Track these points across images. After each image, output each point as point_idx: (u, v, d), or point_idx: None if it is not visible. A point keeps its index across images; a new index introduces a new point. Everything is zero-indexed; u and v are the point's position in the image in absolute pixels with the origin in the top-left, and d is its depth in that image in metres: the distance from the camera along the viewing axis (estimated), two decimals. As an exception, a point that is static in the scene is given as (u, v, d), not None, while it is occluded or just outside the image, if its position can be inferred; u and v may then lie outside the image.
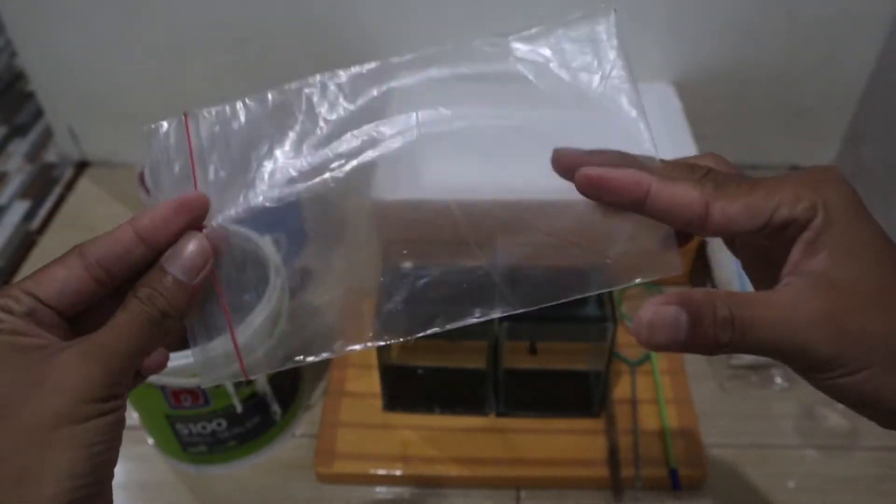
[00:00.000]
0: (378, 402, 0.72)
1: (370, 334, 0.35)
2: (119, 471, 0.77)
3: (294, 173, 0.36)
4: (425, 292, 0.36)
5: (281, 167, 0.35)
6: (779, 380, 0.75)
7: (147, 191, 0.76)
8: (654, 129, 1.04)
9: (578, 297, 0.39)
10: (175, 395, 0.61)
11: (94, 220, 0.98)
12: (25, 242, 0.96)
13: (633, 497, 0.67)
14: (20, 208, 1.03)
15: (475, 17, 0.89)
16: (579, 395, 0.73)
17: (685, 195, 0.30)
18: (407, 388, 0.73)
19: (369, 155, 0.38)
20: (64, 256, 0.31)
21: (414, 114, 0.40)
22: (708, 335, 0.28)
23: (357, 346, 0.35)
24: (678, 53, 0.92)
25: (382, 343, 0.35)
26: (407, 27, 0.91)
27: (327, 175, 0.36)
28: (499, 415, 0.72)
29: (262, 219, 0.36)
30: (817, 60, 0.92)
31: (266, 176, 0.36)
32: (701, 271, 0.84)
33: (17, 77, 1.31)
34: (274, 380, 0.66)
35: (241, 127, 0.36)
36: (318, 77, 0.37)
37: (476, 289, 0.38)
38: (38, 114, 1.20)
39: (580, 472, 0.68)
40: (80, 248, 0.32)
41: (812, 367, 0.28)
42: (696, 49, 0.91)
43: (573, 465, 0.68)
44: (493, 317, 0.36)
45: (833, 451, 0.70)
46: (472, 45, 0.37)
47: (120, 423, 0.30)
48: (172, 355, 0.57)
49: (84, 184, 1.05)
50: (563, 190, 0.71)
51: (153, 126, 0.37)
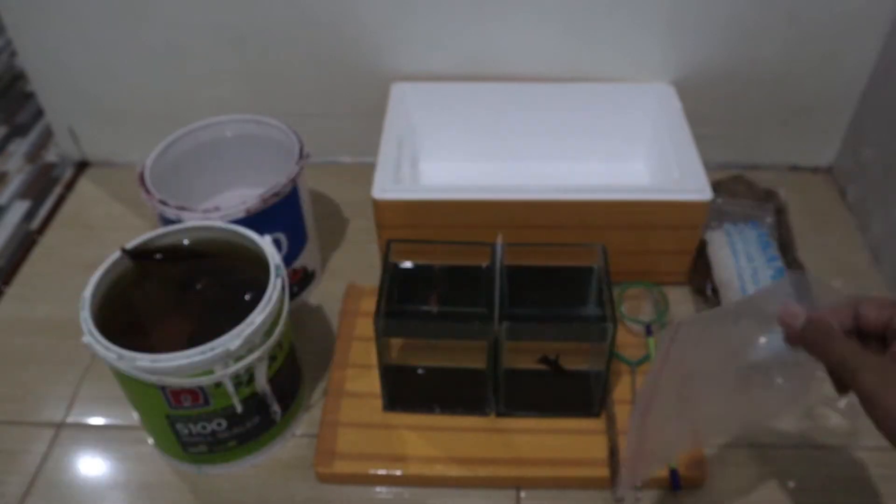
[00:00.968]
0: (378, 402, 0.72)
1: None
2: (119, 470, 0.77)
3: None
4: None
5: None
6: (779, 380, 0.75)
7: (147, 191, 0.76)
8: (654, 130, 1.06)
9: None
10: (175, 395, 0.61)
11: (94, 220, 0.98)
12: (25, 242, 0.96)
13: (633, 497, 0.67)
14: (20, 208, 1.03)
15: (475, 17, 0.89)
16: (579, 395, 0.73)
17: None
18: (407, 388, 0.73)
19: None
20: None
21: None
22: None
23: None
24: (678, 53, 0.92)
25: None
26: (407, 27, 0.91)
27: None
28: (499, 415, 0.72)
29: (263, 218, 0.36)
30: (817, 60, 0.92)
31: None
32: (701, 271, 0.84)
33: (18, 77, 1.31)
34: (274, 380, 0.66)
35: None
36: None
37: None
38: (39, 114, 1.20)
39: (580, 472, 0.68)
40: None
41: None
42: (696, 49, 0.91)
43: (573, 465, 0.68)
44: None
45: (833, 451, 0.70)
46: None
47: None
48: (171, 355, 0.57)
49: (84, 184, 1.05)
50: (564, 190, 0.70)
51: None
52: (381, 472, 0.68)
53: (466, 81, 0.94)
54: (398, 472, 0.68)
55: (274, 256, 0.65)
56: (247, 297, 0.64)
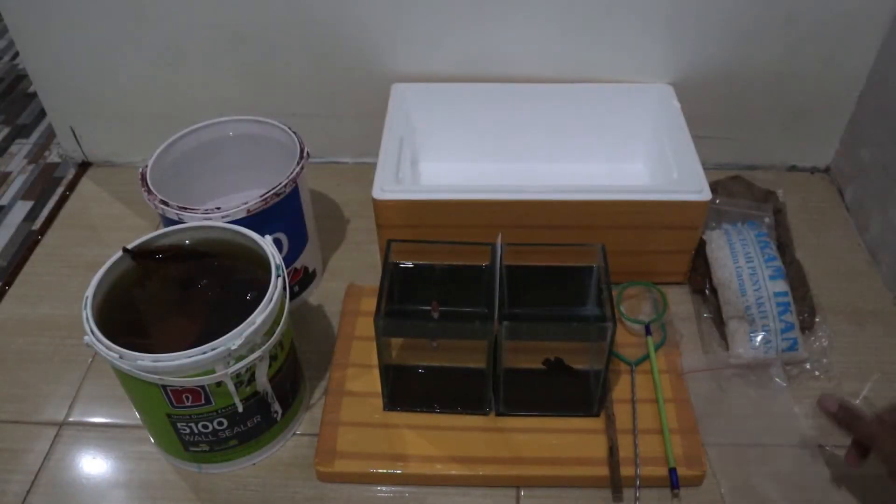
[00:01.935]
0: (378, 402, 0.73)
1: None
2: (121, 470, 0.77)
3: None
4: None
5: None
6: (777, 379, 0.76)
7: (149, 191, 0.76)
8: (654, 130, 1.06)
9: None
10: (176, 395, 0.61)
11: (96, 220, 0.99)
12: (28, 242, 0.96)
13: (632, 496, 0.67)
14: (22, 208, 1.03)
15: (475, 17, 0.90)
16: (579, 395, 0.73)
17: None
18: (407, 387, 0.74)
19: None
20: None
21: None
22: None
23: None
24: (678, 54, 0.92)
25: None
26: (407, 28, 0.91)
27: None
28: (499, 414, 0.72)
29: (264, 218, 0.36)
30: (816, 62, 0.92)
31: None
32: (701, 271, 0.84)
33: (20, 78, 1.31)
34: (275, 379, 0.66)
35: None
36: None
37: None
38: (41, 115, 1.21)
39: (580, 471, 0.68)
40: None
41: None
42: (696, 50, 0.92)
43: (573, 464, 0.68)
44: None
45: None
46: None
47: None
48: (173, 355, 0.57)
49: (86, 184, 1.05)
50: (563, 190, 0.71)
51: None
52: (382, 471, 0.68)
53: (466, 81, 0.94)
54: (398, 472, 0.68)
55: (275, 256, 0.66)
56: (248, 296, 0.65)
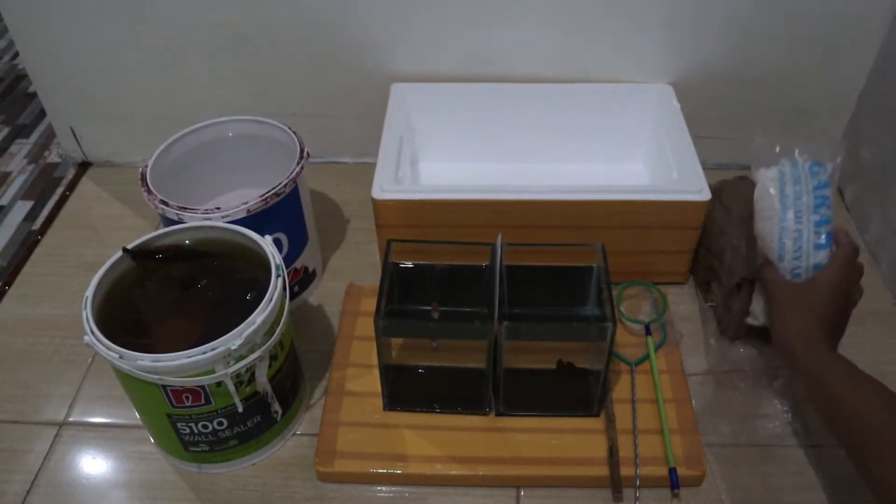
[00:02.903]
0: (378, 402, 0.73)
1: None
2: (120, 470, 0.77)
3: None
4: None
5: None
6: (778, 379, 0.76)
7: (149, 191, 0.76)
8: (653, 130, 1.06)
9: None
10: (176, 395, 0.61)
11: (96, 220, 0.99)
12: (27, 242, 0.96)
13: (632, 496, 0.67)
14: (22, 208, 1.03)
15: (475, 17, 0.90)
16: (579, 395, 0.73)
17: None
18: (407, 387, 0.74)
19: None
20: None
21: None
22: None
23: None
24: (677, 53, 0.92)
25: None
26: (407, 28, 0.91)
27: None
28: (499, 414, 0.72)
29: (264, 218, 0.36)
30: (816, 61, 0.92)
31: None
32: (706, 263, 0.84)
33: (20, 78, 1.31)
34: (275, 379, 0.66)
35: None
36: None
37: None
38: (41, 115, 1.21)
39: (580, 472, 0.68)
40: None
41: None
42: (696, 49, 0.92)
43: (573, 465, 0.68)
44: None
45: (832, 450, 0.70)
46: None
47: None
48: (173, 355, 0.57)
49: (86, 184, 1.05)
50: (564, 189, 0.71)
51: None
52: (382, 471, 0.68)
53: (466, 81, 0.94)
54: (398, 471, 0.68)
55: (275, 256, 0.66)
56: (248, 296, 0.65)
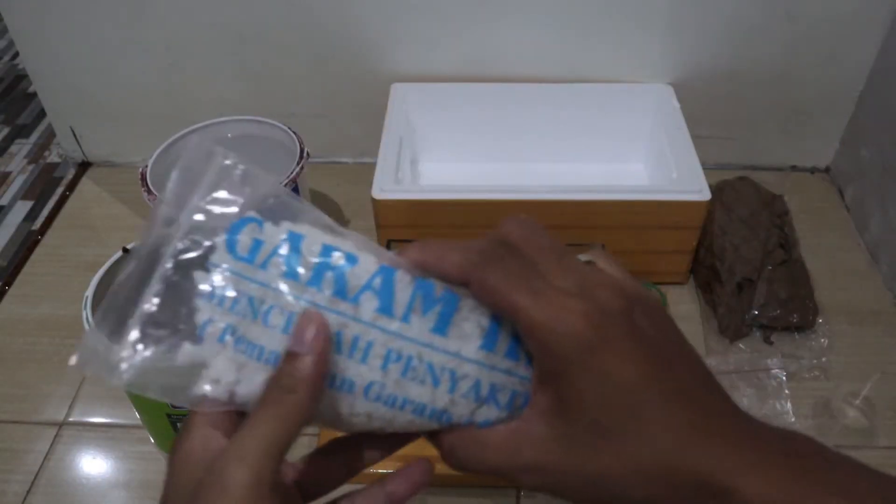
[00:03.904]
0: (378, 402, 0.73)
1: None
2: (120, 470, 0.77)
3: None
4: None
5: None
6: (775, 379, 0.76)
7: (149, 191, 0.76)
8: (653, 130, 1.05)
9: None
10: (176, 395, 0.61)
11: (96, 220, 0.99)
12: (27, 242, 0.96)
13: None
14: (22, 208, 1.03)
15: (475, 17, 0.89)
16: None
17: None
18: (407, 387, 0.74)
19: None
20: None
21: None
22: None
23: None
24: (678, 53, 0.92)
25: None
26: (407, 28, 0.91)
27: None
28: (498, 414, 0.72)
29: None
30: (816, 61, 0.92)
31: None
32: (707, 263, 0.84)
33: (20, 78, 1.31)
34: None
35: None
36: None
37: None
38: (41, 114, 1.21)
39: (579, 471, 0.68)
40: None
41: None
42: (695, 49, 0.92)
43: (572, 465, 0.68)
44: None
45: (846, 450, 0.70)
46: None
47: None
48: (174, 355, 0.57)
49: (86, 184, 1.05)
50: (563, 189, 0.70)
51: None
52: (382, 471, 0.68)
53: (466, 81, 0.94)
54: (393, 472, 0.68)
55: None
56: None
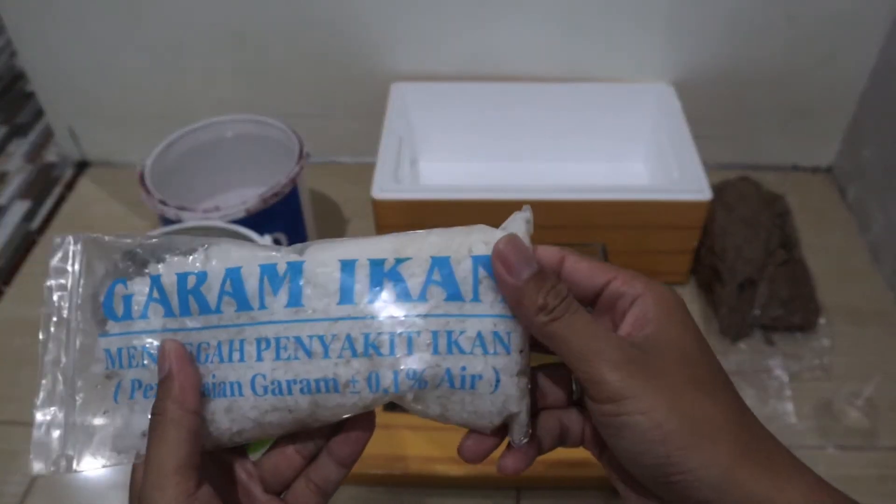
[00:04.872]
0: (378, 402, 0.72)
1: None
2: (119, 470, 0.77)
3: None
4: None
5: None
6: (777, 380, 0.76)
7: (147, 191, 0.76)
8: (654, 130, 1.05)
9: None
10: (175, 395, 0.61)
11: (94, 219, 0.98)
12: (26, 242, 0.96)
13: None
14: (20, 208, 1.03)
15: (475, 17, 0.89)
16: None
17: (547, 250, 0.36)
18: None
19: None
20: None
21: None
22: (537, 297, 0.32)
23: None
24: (678, 53, 0.92)
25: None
26: (407, 27, 0.91)
27: None
28: (499, 415, 0.72)
29: (263, 218, 0.36)
30: (817, 60, 0.92)
31: None
32: (708, 262, 0.84)
33: (18, 77, 1.31)
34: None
35: None
36: None
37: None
38: (39, 114, 1.20)
39: (580, 473, 0.68)
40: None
41: (596, 396, 0.31)
42: (696, 49, 0.91)
43: (573, 466, 0.68)
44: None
45: (834, 451, 0.70)
46: None
47: None
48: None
49: (84, 184, 1.05)
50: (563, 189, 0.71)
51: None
52: (381, 472, 0.68)
53: (466, 81, 0.94)
54: (398, 472, 0.68)
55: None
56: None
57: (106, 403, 0.35)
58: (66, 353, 0.35)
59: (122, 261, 0.36)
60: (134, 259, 0.36)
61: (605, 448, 0.34)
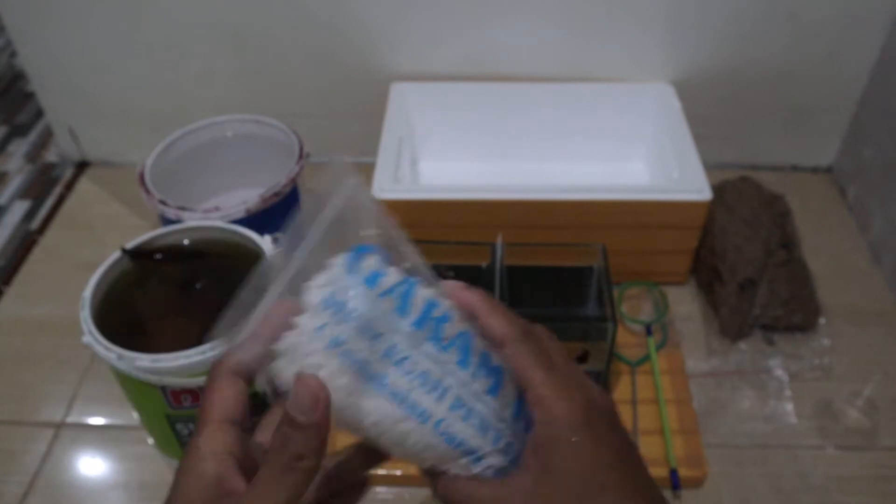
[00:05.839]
0: (378, 402, 0.72)
1: None
2: (119, 470, 0.77)
3: None
4: None
5: None
6: (777, 380, 0.75)
7: (147, 191, 0.76)
8: (654, 130, 1.05)
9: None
10: (175, 396, 0.61)
11: (94, 219, 0.98)
12: (26, 242, 0.96)
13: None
14: (20, 208, 1.03)
15: (475, 17, 0.89)
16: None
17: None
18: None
19: None
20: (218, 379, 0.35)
21: None
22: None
23: None
24: (678, 53, 0.92)
25: None
26: (407, 27, 0.91)
27: None
28: (499, 415, 0.72)
29: (263, 218, 0.35)
30: (817, 60, 0.92)
31: None
32: (708, 263, 0.84)
33: (18, 77, 1.31)
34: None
35: None
36: None
37: None
38: (39, 114, 1.20)
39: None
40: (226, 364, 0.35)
41: None
42: (696, 49, 0.91)
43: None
44: None
45: (834, 451, 0.70)
46: None
47: None
48: (173, 355, 0.57)
49: (84, 184, 1.05)
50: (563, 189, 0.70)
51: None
52: (381, 471, 0.68)
53: (466, 81, 0.94)
54: (398, 472, 0.68)
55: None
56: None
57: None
58: None
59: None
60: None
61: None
